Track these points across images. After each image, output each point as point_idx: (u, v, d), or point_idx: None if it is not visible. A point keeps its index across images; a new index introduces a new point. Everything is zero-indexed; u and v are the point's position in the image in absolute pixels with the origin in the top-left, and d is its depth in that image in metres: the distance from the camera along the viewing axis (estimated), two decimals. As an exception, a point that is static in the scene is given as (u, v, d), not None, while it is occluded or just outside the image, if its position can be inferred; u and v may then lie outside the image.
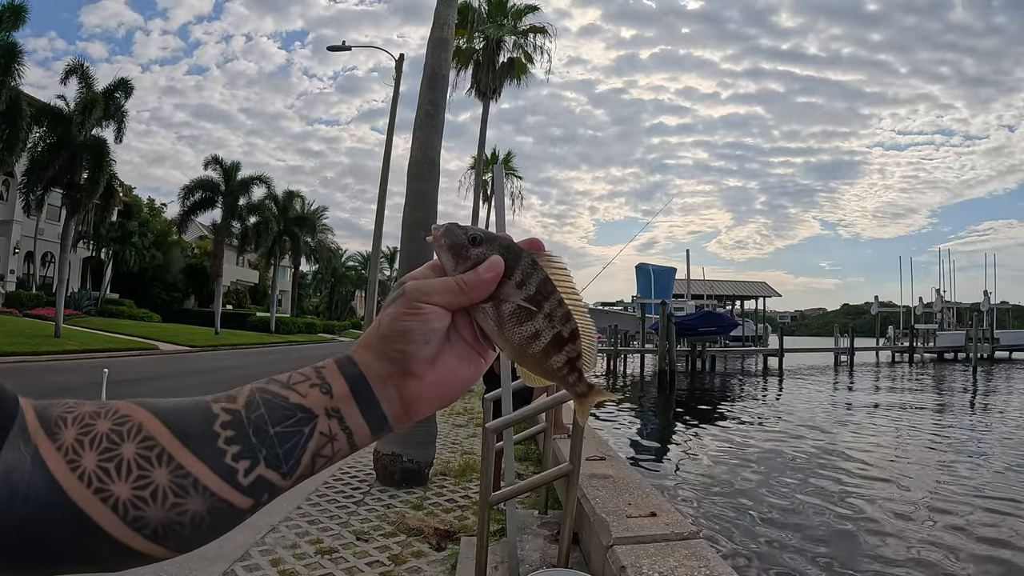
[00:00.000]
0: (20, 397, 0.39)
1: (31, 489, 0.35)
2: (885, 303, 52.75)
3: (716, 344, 32.09)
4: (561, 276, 0.44)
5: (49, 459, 0.36)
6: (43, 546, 0.35)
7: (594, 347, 0.46)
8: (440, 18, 7.41)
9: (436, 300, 0.41)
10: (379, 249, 13.66)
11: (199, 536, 0.38)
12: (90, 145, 19.42)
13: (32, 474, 0.35)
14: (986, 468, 8.48)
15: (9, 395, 0.38)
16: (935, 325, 43.81)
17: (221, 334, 28.19)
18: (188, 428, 0.38)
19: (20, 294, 25.20)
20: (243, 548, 3.32)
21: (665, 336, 21.72)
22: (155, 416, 0.38)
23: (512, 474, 2.82)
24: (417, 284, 0.42)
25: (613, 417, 13.41)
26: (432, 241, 0.43)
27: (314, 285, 58.02)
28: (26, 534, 0.34)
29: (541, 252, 0.44)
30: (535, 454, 5.66)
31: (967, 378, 25.00)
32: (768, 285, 53.23)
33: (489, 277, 0.42)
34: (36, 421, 0.38)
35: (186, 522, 0.36)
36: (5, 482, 0.34)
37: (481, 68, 18.81)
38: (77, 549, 0.36)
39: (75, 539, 0.35)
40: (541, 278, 0.43)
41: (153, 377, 13.10)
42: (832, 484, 7.30)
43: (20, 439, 0.36)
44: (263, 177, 33.19)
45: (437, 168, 6.97)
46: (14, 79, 16.86)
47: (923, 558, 5.07)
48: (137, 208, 35.63)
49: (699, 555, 2.33)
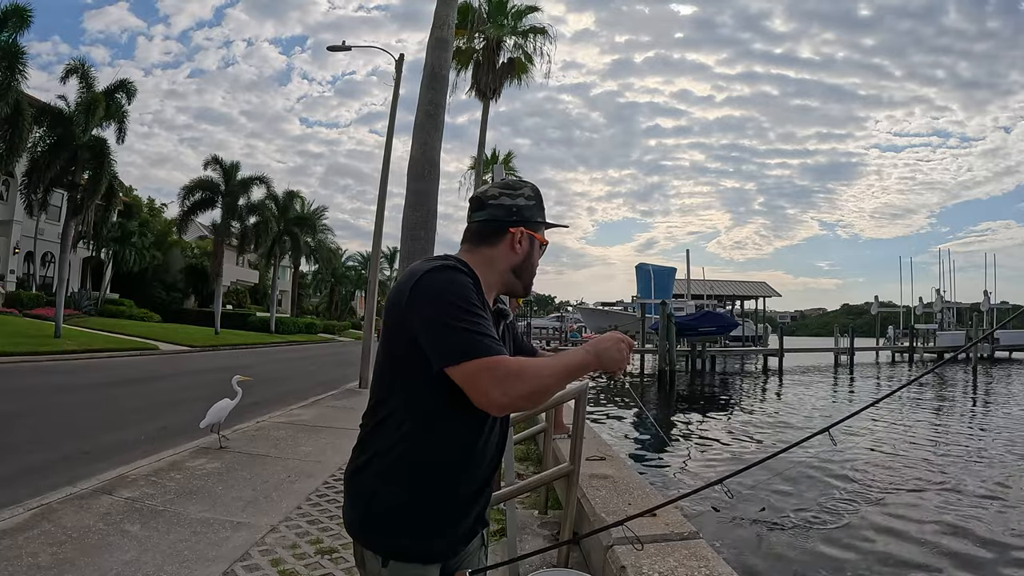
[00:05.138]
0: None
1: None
2: (885, 303, 52.67)
3: (716, 344, 32.05)
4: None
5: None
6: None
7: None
8: (440, 18, 7.41)
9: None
10: (379, 249, 13.64)
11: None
12: (91, 145, 19.41)
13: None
14: (986, 464, 8.48)
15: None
16: (935, 325, 43.74)
17: (221, 334, 28.17)
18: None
19: (20, 294, 25.18)
20: (243, 548, 3.32)
21: (665, 336, 21.71)
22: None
23: (512, 474, 2.82)
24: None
25: (613, 417, 13.41)
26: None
27: (314, 285, 57.97)
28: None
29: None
30: (535, 454, 5.66)
31: (967, 378, 25.00)
32: (768, 285, 53.21)
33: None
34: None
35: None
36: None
37: (481, 68, 18.79)
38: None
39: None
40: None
41: (153, 377, 13.09)
42: (832, 483, 7.30)
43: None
44: (263, 177, 33.17)
45: (437, 168, 6.96)
46: (17, 81, 16.87)
47: (923, 558, 5.07)
48: (137, 208, 35.61)
49: (699, 555, 2.33)
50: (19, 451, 5.62)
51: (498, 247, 1.27)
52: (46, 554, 3.10)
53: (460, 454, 1.18)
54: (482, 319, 1.10)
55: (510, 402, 1.06)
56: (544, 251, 1.36)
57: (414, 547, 1.16)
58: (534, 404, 1.15)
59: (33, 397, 9.14)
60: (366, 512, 1.17)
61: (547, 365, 1.10)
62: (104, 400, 9.21)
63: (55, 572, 2.91)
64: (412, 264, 1.22)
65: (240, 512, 3.94)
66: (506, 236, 1.27)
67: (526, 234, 1.28)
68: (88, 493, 4.21)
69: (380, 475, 1.16)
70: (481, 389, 1.05)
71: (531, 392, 1.07)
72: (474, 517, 1.24)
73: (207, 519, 3.76)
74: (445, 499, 1.18)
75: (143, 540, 3.36)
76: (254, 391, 6.29)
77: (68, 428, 6.86)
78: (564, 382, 1.12)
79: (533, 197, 1.32)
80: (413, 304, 1.12)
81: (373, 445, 1.19)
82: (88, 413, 7.95)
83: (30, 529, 3.45)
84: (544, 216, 1.33)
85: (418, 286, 1.13)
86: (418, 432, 1.15)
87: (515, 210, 1.28)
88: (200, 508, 3.98)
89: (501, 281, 1.29)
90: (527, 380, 1.06)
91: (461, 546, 1.24)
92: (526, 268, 1.31)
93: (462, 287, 1.12)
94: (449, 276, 1.13)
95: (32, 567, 2.95)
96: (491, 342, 1.07)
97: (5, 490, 4.27)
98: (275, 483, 4.67)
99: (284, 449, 5.92)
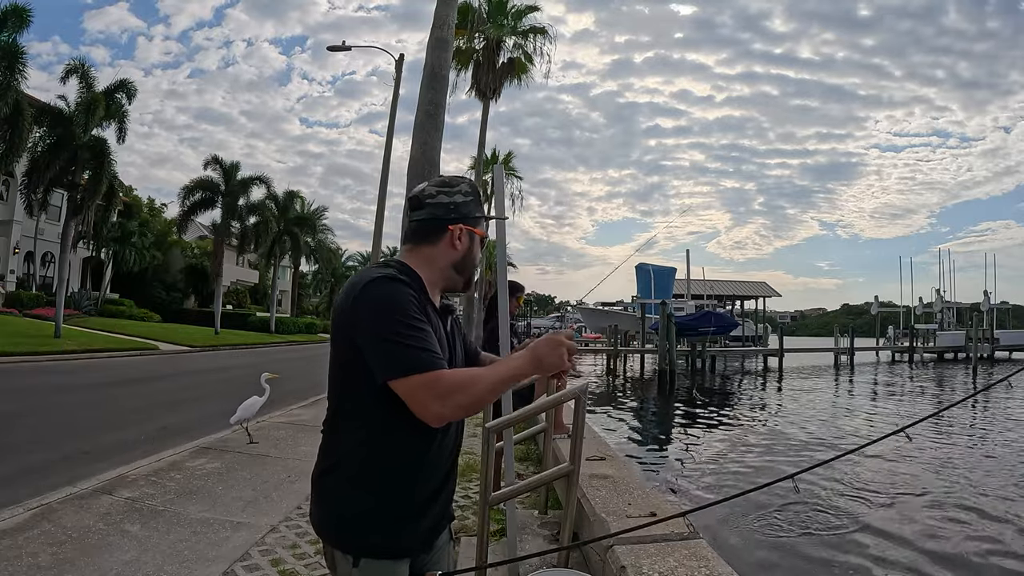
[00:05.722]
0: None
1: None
2: (885, 303, 52.64)
3: (716, 344, 32.05)
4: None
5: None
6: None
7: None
8: (440, 18, 7.41)
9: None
10: (379, 249, 13.65)
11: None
12: (91, 145, 19.41)
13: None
14: (987, 464, 8.48)
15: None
16: (935, 325, 43.69)
17: (221, 334, 28.17)
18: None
19: (20, 294, 25.19)
20: (243, 548, 3.32)
21: (665, 336, 21.71)
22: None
23: (512, 474, 2.82)
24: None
25: (613, 417, 13.41)
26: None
27: (314, 285, 57.97)
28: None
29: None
30: (535, 454, 5.66)
31: (967, 378, 25.00)
32: (768, 285, 53.23)
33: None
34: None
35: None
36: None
37: (481, 68, 18.78)
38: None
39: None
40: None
41: (153, 377, 13.09)
42: (833, 483, 7.29)
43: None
44: (263, 177, 33.20)
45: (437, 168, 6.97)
46: (17, 81, 16.88)
47: (924, 557, 5.07)
48: (137, 208, 35.61)
49: (699, 555, 2.33)
50: (19, 451, 5.62)
51: (438, 245, 1.29)
52: (46, 554, 3.10)
53: (415, 458, 1.21)
54: (423, 332, 1.13)
55: (450, 413, 1.11)
56: (484, 244, 1.39)
57: (384, 544, 1.19)
58: (474, 413, 1.23)
59: (33, 397, 9.14)
60: (334, 515, 1.21)
61: (485, 377, 1.13)
62: (104, 400, 9.21)
63: (55, 572, 2.91)
64: (357, 273, 1.26)
65: (240, 512, 3.94)
66: (446, 234, 1.29)
67: (465, 230, 1.30)
68: (88, 493, 4.21)
69: (345, 479, 1.20)
70: (421, 403, 1.10)
71: (470, 404, 1.13)
72: (438, 513, 1.28)
73: (207, 519, 3.76)
74: (407, 500, 1.21)
75: (143, 540, 3.36)
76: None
77: (68, 428, 6.86)
78: (502, 390, 1.17)
79: (470, 193, 1.33)
80: (355, 317, 1.15)
81: (335, 451, 1.22)
82: (88, 413, 7.95)
83: (30, 529, 3.45)
84: (482, 210, 1.36)
85: (360, 299, 1.15)
86: (374, 438, 1.18)
87: (453, 207, 1.29)
88: (200, 508, 3.98)
89: (443, 278, 1.31)
90: (466, 393, 1.11)
91: (430, 541, 1.28)
92: (467, 263, 1.33)
93: (403, 301, 1.15)
94: (390, 290, 1.16)
95: (32, 567, 2.95)
96: (430, 357, 1.11)
97: (5, 490, 4.27)
98: (275, 483, 4.67)
99: (284, 449, 5.92)
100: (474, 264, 1.35)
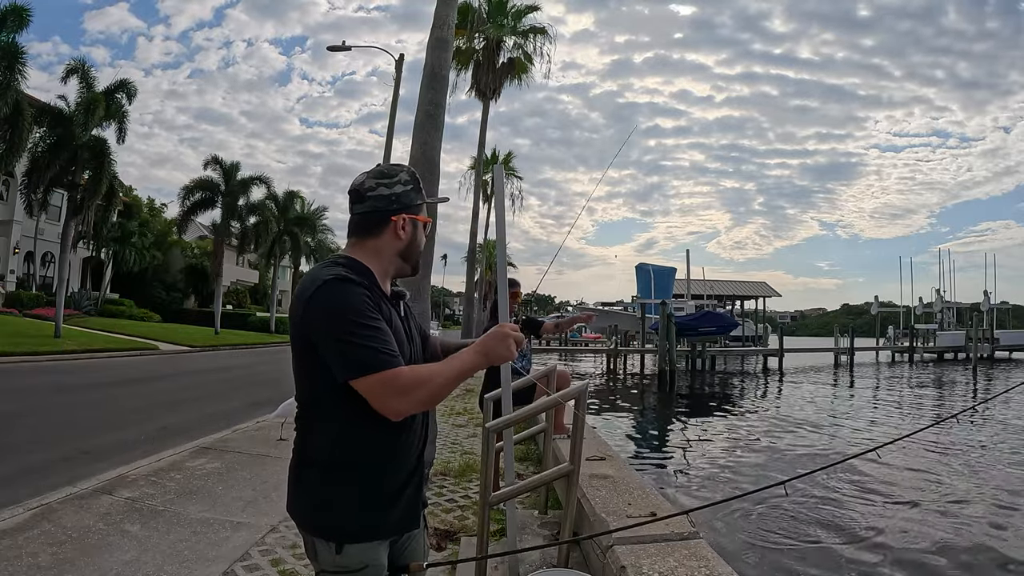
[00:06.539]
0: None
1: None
2: (885, 303, 52.60)
3: (716, 344, 32.03)
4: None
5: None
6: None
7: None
8: (440, 18, 7.41)
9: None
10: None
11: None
12: (91, 145, 19.40)
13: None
14: (987, 465, 8.48)
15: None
16: (935, 325, 43.66)
17: (221, 334, 28.16)
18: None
19: (20, 294, 25.20)
20: (243, 548, 3.32)
21: (665, 336, 21.70)
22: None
23: (512, 474, 2.82)
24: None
25: (613, 417, 13.41)
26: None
27: (314, 285, 57.93)
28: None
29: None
30: (535, 454, 5.65)
31: (967, 378, 25.00)
32: (768, 285, 53.18)
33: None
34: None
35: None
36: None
37: (481, 68, 18.79)
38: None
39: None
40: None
41: (153, 377, 13.09)
42: (833, 483, 7.29)
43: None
44: (263, 177, 33.09)
45: (437, 168, 6.97)
46: (17, 81, 16.87)
47: (923, 557, 5.07)
48: (137, 208, 35.62)
49: (699, 555, 2.33)
50: (19, 451, 5.62)
51: (383, 237, 1.31)
52: (46, 554, 3.10)
53: (387, 447, 1.25)
54: (378, 331, 1.17)
55: (409, 408, 1.18)
56: (428, 229, 1.41)
57: (364, 530, 1.23)
58: (432, 407, 1.31)
59: (33, 397, 9.14)
60: (313, 505, 1.24)
61: (440, 373, 1.19)
62: (104, 400, 9.21)
63: (55, 572, 2.91)
64: (308, 273, 1.29)
65: (240, 512, 3.94)
66: (389, 225, 1.31)
67: (408, 219, 1.32)
68: (88, 493, 4.21)
69: (321, 471, 1.23)
70: (381, 399, 1.15)
71: (428, 399, 1.18)
72: (411, 495, 1.31)
73: (207, 519, 3.76)
74: (383, 486, 1.25)
75: (143, 540, 3.36)
76: (255, 391, 6.30)
77: (68, 428, 6.86)
78: (456, 384, 1.22)
79: (410, 181, 1.34)
80: (310, 317, 1.18)
81: (309, 445, 1.26)
82: (88, 413, 7.94)
83: (30, 529, 3.45)
84: (423, 196, 1.37)
85: (313, 300, 1.18)
86: (344, 432, 1.22)
87: (394, 199, 1.31)
88: (200, 508, 3.98)
89: (392, 267, 1.34)
90: (423, 388, 1.16)
91: (407, 523, 1.32)
92: (412, 251, 1.35)
93: (356, 301, 1.17)
94: (343, 290, 1.18)
95: (32, 567, 2.95)
96: (387, 356, 1.15)
97: (5, 490, 4.27)
98: (275, 483, 4.66)
99: (284, 449, 5.91)
100: (419, 250, 1.38)
